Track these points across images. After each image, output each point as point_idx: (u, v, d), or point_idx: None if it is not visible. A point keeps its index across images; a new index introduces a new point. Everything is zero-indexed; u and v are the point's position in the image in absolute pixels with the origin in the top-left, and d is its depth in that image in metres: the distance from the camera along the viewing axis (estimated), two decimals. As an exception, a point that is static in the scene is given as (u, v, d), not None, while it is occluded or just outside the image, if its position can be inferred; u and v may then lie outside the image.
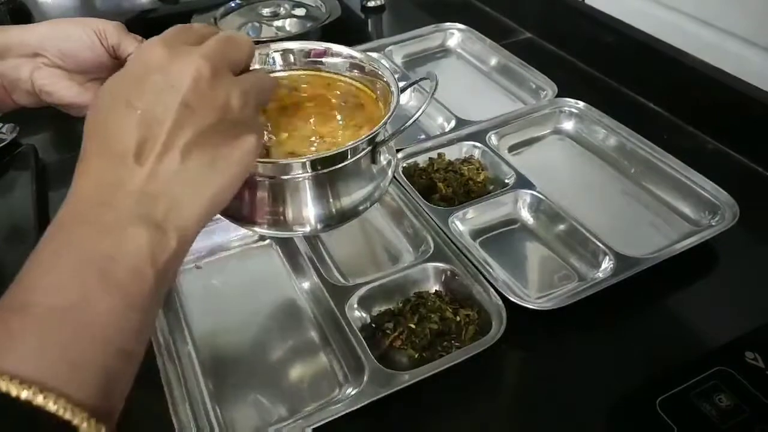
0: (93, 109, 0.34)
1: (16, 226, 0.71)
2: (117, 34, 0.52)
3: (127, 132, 0.32)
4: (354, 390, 0.52)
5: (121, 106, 0.33)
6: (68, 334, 0.28)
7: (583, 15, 0.96)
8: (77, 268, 0.29)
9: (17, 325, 0.27)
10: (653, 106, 0.87)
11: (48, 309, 0.28)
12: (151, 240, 0.31)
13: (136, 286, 0.30)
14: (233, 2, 1.11)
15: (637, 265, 0.60)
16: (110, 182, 0.32)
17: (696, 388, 0.48)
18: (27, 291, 0.29)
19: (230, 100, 0.34)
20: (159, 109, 0.32)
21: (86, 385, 0.27)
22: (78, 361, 0.27)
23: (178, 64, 0.33)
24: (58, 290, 0.29)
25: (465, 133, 0.79)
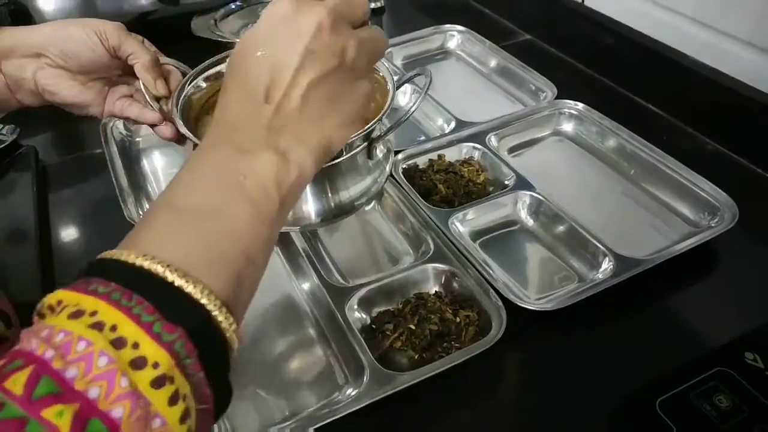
0: (233, 55, 0.39)
1: (17, 228, 0.71)
2: (117, 35, 0.54)
3: (258, 75, 0.36)
4: (354, 391, 0.52)
5: (254, 52, 0.37)
6: (210, 233, 0.32)
7: (583, 17, 0.96)
8: (217, 180, 0.34)
9: (171, 220, 0.33)
10: (652, 107, 0.87)
11: (196, 210, 0.33)
12: (276, 166, 0.35)
13: (264, 202, 0.35)
14: (233, 4, 1.11)
15: (637, 266, 0.60)
16: (244, 115, 0.36)
17: (696, 388, 0.48)
18: (176, 193, 0.34)
19: (348, 49, 0.38)
20: (285, 55, 0.36)
21: (222, 280, 0.31)
22: (217, 257, 0.32)
23: (304, 15, 0.37)
24: (202, 195, 0.34)
25: (465, 135, 0.79)
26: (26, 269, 0.64)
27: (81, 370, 0.25)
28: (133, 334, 0.27)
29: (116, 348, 0.26)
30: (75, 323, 0.27)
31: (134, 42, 0.56)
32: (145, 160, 0.83)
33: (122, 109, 0.59)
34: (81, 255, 0.70)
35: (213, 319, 0.30)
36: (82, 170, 0.82)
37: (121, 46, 0.55)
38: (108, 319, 0.27)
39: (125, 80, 0.59)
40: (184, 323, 0.28)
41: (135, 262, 0.29)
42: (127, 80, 0.59)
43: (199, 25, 1.05)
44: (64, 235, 0.73)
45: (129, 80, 0.59)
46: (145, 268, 0.29)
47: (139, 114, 0.59)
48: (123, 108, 0.59)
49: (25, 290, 0.62)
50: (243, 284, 0.33)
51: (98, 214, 0.74)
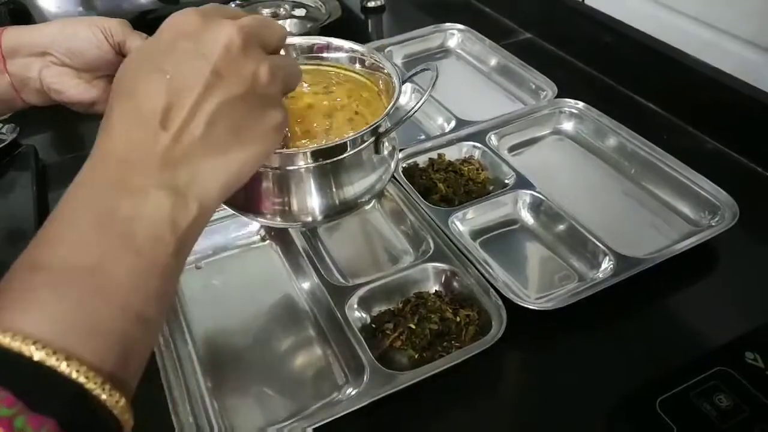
0: (123, 70, 0.35)
1: (17, 227, 0.71)
2: (122, 31, 0.54)
3: (154, 95, 0.32)
4: (354, 390, 0.52)
5: (151, 70, 0.33)
6: (87, 296, 0.27)
7: (583, 15, 0.96)
8: (98, 228, 0.29)
9: (35, 284, 0.27)
10: (653, 106, 0.87)
11: (67, 269, 0.28)
12: (172, 206, 0.31)
13: (156, 250, 0.30)
14: (233, 3, 1.11)
15: (637, 265, 0.60)
16: (134, 143, 0.31)
17: (696, 388, 0.48)
18: (46, 249, 0.29)
19: (259, 73, 0.34)
20: (189, 75, 0.32)
21: (103, 351, 0.27)
22: (95, 324, 0.27)
23: (212, 33, 0.33)
24: (78, 250, 0.29)
25: (465, 134, 0.79)
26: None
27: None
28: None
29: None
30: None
31: (138, 37, 0.55)
32: (145, 159, 0.83)
33: None
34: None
35: (93, 399, 0.26)
36: (81, 169, 0.82)
37: (126, 42, 0.54)
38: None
39: None
40: (54, 411, 0.24)
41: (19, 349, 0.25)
42: None
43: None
44: (64, 234, 0.73)
45: None
46: (4, 347, 0.25)
47: None
48: None
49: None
50: (133, 349, 0.29)
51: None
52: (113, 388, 0.26)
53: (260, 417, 0.53)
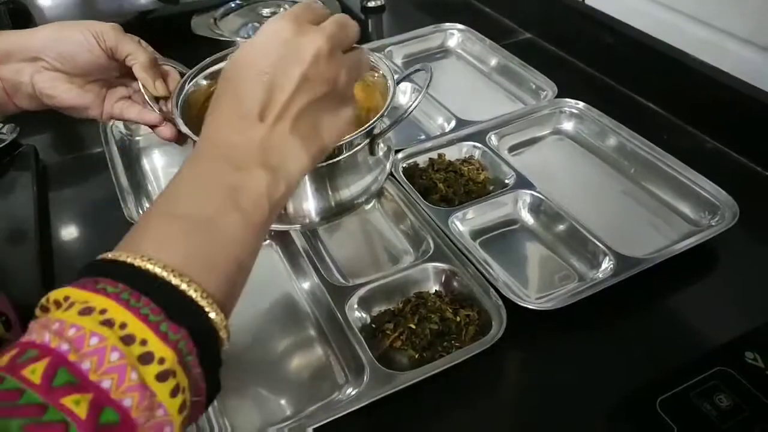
0: (231, 68, 0.40)
1: (17, 227, 0.71)
2: (114, 36, 0.54)
3: (255, 94, 0.38)
4: (354, 390, 0.52)
5: (252, 70, 0.39)
6: (207, 241, 0.34)
7: (583, 15, 0.96)
8: (214, 190, 0.36)
9: (172, 228, 0.34)
10: (653, 106, 0.87)
11: (191, 219, 0.35)
12: (267, 182, 0.38)
13: (255, 213, 0.37)
14: (233, 3, 1.11)
15: (637, 265, 0.60)
16: (238, 133, 0.38)
17: (696, 388, 0.48)
18: (173, 202, 0.36)
19: (339, 77, 0.41)
20: (283, 78, 0.39)
21: (217, 284, 0.34)
22: (212, 264, 0.34)
23: (303, 40, 0.39)
24: (200, 205, 0.35)
25: (465, 134, 0.79)
26: (26, 269, 0.64)
27: (94, 363, 0.27)
28: (142, 332, 0.29)
29: (126, 344, 0.28)
30: (86, 319, 0.29)
31: (131, 42, 0.55)
32: (146, 159, 0.83)
33: (121, 111, 0.59)
34: (81, 255, 0.70)
35: (210, 320, 0.33)
36: (82, 170, 0.82)
37: (119, 47, 0.55)
38: (117, 317, 0.29)
39: (123, 82, 0.59)
40: (187, 324, 0.31)
41: (141, 265, 0.31)
42: (124, 82, 0.59)
43: (199, 23, 1.05)
44: (64, 234, 0.73)
45: (126, 82, 0.59)
46: (150, 271, 0.31)
47: (139, 115, 0.59)
48: (122, 110, 0.59)
49: (25, 290, 0.62)
50: (234, 287, 0.36)
51: (98, 214, 0.74)
52: (222, 313, 0.33)
53: (260, 417, 0.53)
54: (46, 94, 0.55)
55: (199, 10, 1.08)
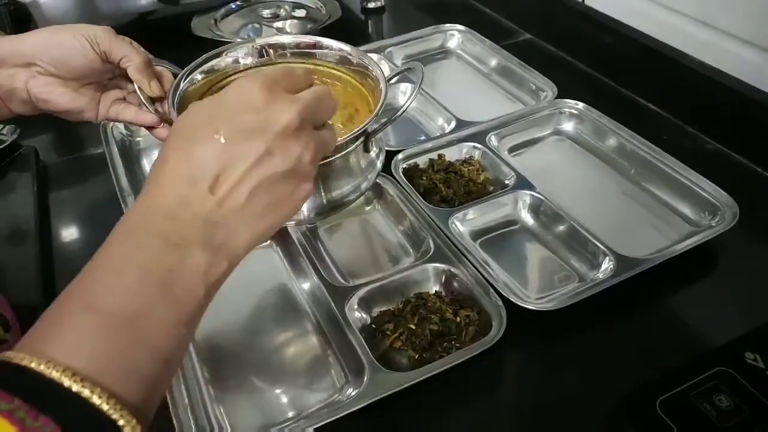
0: (183, 124, 0.37)
1: (17, 228, 0.71)
2: (107, 38, 0.54)
3: (209, 159, 0.34)
4: (354, 390, 0.52)
5: (210, 132, 0.35)
6: (128, 341, 0.30)
7: (583, 16, 0.96)
8: (143, 278, 0.32)
9: (87, 324, 0.30)
10: (653, 106, 0.87)
11: (114, 313, 0.30)
12: (207, 262, 0.34)
13: (189, 302, 0.33)
14: (233, 4, 1.11)
15: (637, 265, 0.60)
16: (183, 202, 0.34)
17: (696, 388, 0.48)
18: (94, 292, 0.31)
19: (304, 156, 0.37)
20: (243, 148, 0.35)
21: (138, 389, 0.30)
22: (134, 366, 0.30)
23: (274, 112, 0.36)
24: (124, 297, 0.31)
25: (465, 134, 0.79)
26: (26, 269, 0.64)
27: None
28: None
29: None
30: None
31: (124, 44, 0.55)
32: (146, 160, 0.83)
33: (117, 113, 0.59)
34: (81, 255, 0.70)
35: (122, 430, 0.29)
36: (82, 170, 0.82)
37: (112, 50, 0.54)
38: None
39: (117, 84, 0.59)
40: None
41: (44, 372, 0.27)
42: (118, 84, 0.59)
43: (199, 24, 1.05)
44: (65, 235, 0.73)
45: (121, 83, 0.59)
46: (55, 381, 0.27)
47: (135, 116, 0.58)
48: (118, 112, 0.59)
49: (25, 291, 0.62)
50: (158, 386, 0.32)
51: (98, 214, 0.74)
52: (138, 423, 0.29)
53: (260, 417, 0.53)
54: (42, 99, 0.55)
55: (199, 11, 1.09)
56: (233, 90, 0.37)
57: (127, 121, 0.59)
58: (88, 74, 0.55)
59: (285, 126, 0.36)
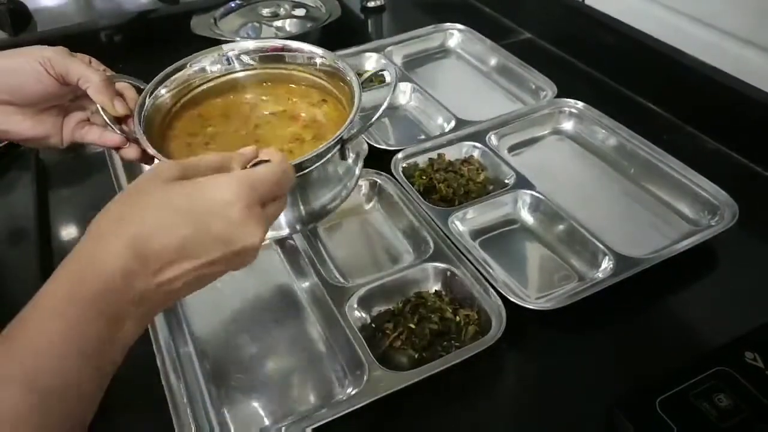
0: (158, 204, 0.36)
1: (17, 227, 0.71)
2: (62, 60, 0.50)
3: (165, 247, 0.35)
4: (354, 390, 0.52)
5: (177, 219, 0.36)
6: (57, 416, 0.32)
7: (583, 15, 0.96)
8: (79, 354, 0.32)
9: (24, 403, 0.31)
10: (653, 106, 0.87)
11: (52, 392, 0.31)
12: (134, 333, 0.36)
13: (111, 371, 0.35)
14: (233, 2, 1.11)
15: (637, 265, 0.60)
16: (127, 275, 0.34)
17: (696, 388, 0.48)
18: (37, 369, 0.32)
19: (253, 257, 0.40)
20: (201, 250, 0.36)
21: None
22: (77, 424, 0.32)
23: (244, 233, 0.37)
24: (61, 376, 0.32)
25: (465, 134, 0.79)
26: (26, 269, 0.64)
27: None
28: None
29: None
30: None
31: (80, 65, 0.51)
32: (145, 159, 0.83)
33: (82, 136, 0.55)
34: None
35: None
36: (81, 169, 0.82)
37: (69, 72, 0.50)
38: None
39: (79, 105, 0.55)
40: None
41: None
42: (80, 105, 0.55)
43: (199, 23, 1.05)
44: (64, 234, 0.73)
45: (83, 104, 0.55)
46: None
47: (101, 138, 0.55)
48: (83, 134, 0.55)
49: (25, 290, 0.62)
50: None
51: (98, 214, 0.74)
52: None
53: (260, 417, 0.53)
54: (0, 129, 0.52)
55: (198, 10, 1.09)
56: (216, 191, 0.37)
57: (92, 142, 0.55)
58: (46, 99, 0.52)
59: (246, 247, 0.38)
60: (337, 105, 0.57)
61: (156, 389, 0.52)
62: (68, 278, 0.34)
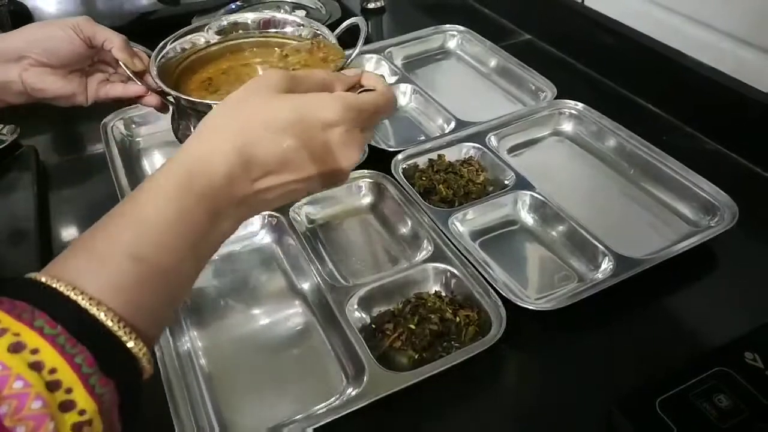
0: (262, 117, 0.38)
1: (17, 227, 0.71)
2: (90, 26, 0.60)
3: (267, 157, 0.37)
4: (354, 391, 0.52)
5: (282, 131, 0.38)
6: (159, 291, 0.34)
7: (582, 16, 0.96)
8: (182, 238, 0.35)
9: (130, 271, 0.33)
10: (652, 107, 0.87)
11: (153, 265, 0.34)
12: (230, 230, 0.38)
13: (207, 259, 0.38)
14: (234, 4, 1.12)
15: (637, 265, 0.60)
16: (230, 179, 0.37)
17: (695, 388, 0.48)
18: (141, 243, 0.34)
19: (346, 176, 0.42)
20: (300, 164, 0.38)
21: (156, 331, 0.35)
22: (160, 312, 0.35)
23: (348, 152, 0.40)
24: (165, 252, 0.34)
25: (465, 135, 0.79)
26: (26, 269, 0.64)
27: (12, 408, 0.26)
28: (70, 381, 0.28)
29: (50, 390, 0.27)
30: (15, 358, 0.27)
31: (105, 29, 0.61)
32: (146, 159, 0.83)
33: (106, 92, 0.64)
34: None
35: (140, 374, 0.33)
36: (82, 170, 0.82)
37: (95, 35, 0.60)
38: (48, 361, 0.28)
39: (98, 68, 0.65)
40: (117, 378, 0.30)
41: (87, 308, 0.30)
42: (99, 68, 0.65)
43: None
44: (65, 235, 0.73)
45: (101, 68, 0.65)
46: (96, 318, 0.30)
47: (124, 91, 0.64)
48: (107, 91, 0.64)
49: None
50: (165, 325, 0.38)
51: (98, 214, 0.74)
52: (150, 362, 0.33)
53: (260, 417, 0.53)
54: (37, 88, 0.60)
55: (199, 12, 1.09)
56: (322, 110, 0.39)
57: (117, 96, 0.64)
58: (75, 61, 0.61)
59: (342, 169, 0.40)
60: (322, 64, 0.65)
61: (157, 390, 0.52)
62: (178, 172, 0.36)
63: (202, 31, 0.68)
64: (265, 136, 0.37)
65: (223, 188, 0.36)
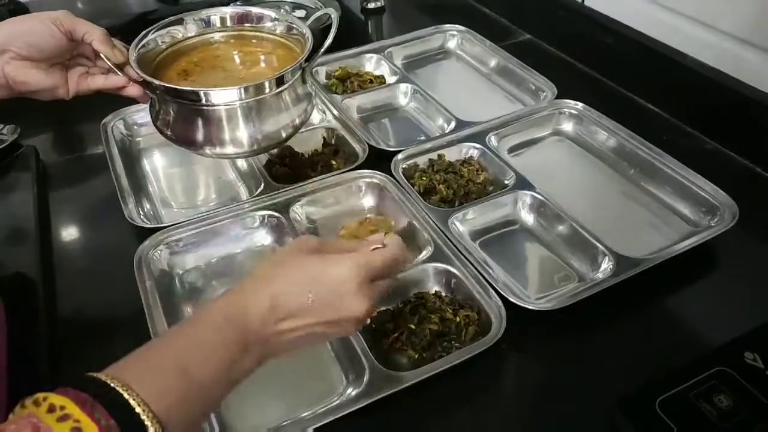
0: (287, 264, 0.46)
1: (17, 227, 0.71)
2: (69, 19, 0.61)
3: (291, 302, 0.44)
4: (354, 391, 0.52)
5: (306, 284, 0.45)
6: (197, 403, 0.40)
7: (583, 16, 0.96)
8: (222, 360, 0.41)
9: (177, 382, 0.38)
10: (652, 107, 0.87)
11: (196, 382, 0.39)
12: (256, 366, 0.44)
13: (236, 383, 0.43)
14: (233, 4, 1.11)
15: (637, 265, 0.60)
16: (262, 321, 0.43)
17: (696, 388, 0.48)
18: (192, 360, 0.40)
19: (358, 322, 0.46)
20: (321, 311, 0.45)
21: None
22: (191, 421, 0.39)
23: (350, 304, 0.45)
24: (207, 370, 0.40)
25: (465, 135, 0.79)
26: (26, 269, 0.64)
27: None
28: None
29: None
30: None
31: (84, 23, 0.62)
32: (145, 160, 0.83)
33: (87, 85, 0.64)
34: (81, 255, 0.70)
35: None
36: (82, 170, 0.82)
37: (76, 29, 0.61)
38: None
39: (77, 61, 0.65)
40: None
41: (139, 412, 0.35)
42: (79, 62, 0.65)
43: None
44: (64, 235, 0.73)
45: (81, 61, 0.65)
46: (143, 420, 0.35)
47: (106, 82, 0.64)
48: (88, 83, 0.64)
49: (25, 291, 0.62)
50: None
51: (98, 214, 0.74)
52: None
53: (260, 417, 0.53)
54: (19, 81, 0.60)
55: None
56: (337, 268, 0.45)
57: (98, 88, 0.65)
58: (56, 54, 0.62)
59: (357, 317, 0.45)
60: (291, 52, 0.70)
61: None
62: (222, 312, 0.43)
63: (180, 24, 0.71)
64: (293, 286, 0.44)
65: (257, 329, 0.43)
